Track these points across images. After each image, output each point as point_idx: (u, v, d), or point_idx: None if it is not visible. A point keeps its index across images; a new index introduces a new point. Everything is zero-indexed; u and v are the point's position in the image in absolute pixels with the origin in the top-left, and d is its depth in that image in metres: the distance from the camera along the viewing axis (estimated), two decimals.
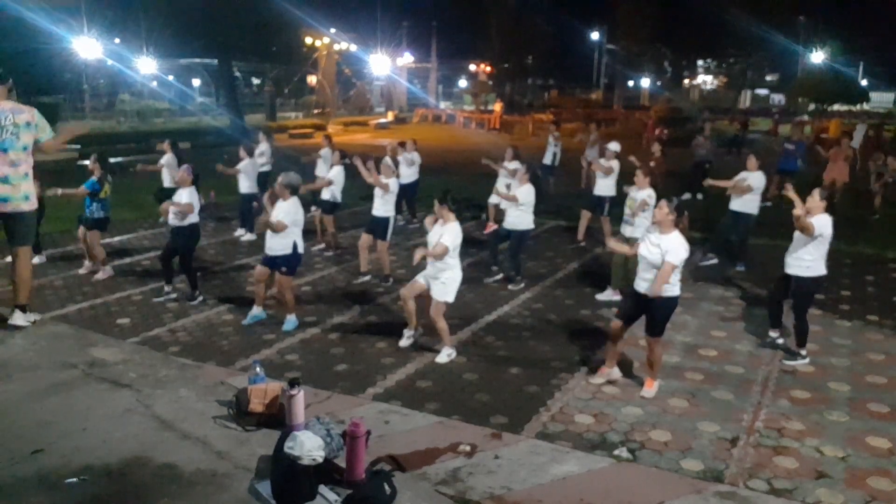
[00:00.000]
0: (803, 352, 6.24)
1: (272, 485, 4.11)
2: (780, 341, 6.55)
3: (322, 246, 10.30)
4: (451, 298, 6.26)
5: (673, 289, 5.38)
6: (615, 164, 10.22)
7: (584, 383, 5.72)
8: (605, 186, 10.23)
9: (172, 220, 7.72)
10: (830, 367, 6.08)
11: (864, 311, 7.50)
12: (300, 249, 7.00)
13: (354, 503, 4.03)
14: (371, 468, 4.31)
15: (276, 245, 6.89)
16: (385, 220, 8.59)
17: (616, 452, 4.67)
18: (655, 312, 5.42)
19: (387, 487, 4.10)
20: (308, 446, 4.10)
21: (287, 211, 6.82)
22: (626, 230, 7.79)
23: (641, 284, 5.47)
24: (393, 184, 8.67)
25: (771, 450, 4.70)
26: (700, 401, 5.43)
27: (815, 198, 6.09)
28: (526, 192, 8.36)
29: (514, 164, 10.11)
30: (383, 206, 8.60)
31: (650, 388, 5.56)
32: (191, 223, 7.75)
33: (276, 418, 4.81)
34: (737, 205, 9.05)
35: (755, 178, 8.93)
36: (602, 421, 5.11)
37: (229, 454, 4.60)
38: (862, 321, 7.21)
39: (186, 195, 7.69)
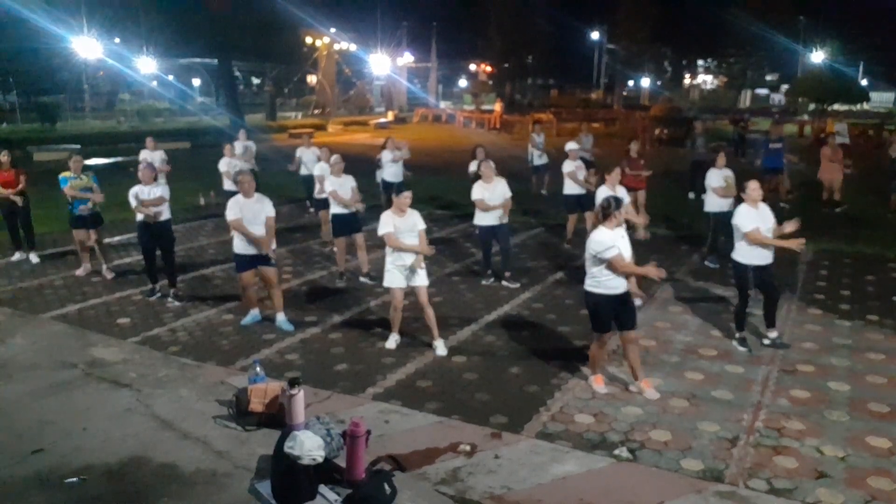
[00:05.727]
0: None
1: (272, 484, 4.12)
2: (771, 337, 6.55)
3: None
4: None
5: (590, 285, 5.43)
6: (579, 163, 10.30)
7: (584, 383, 5.71)
8: (571, 185, 10.26)
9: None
10: (830, 367, 6.07)
11: (864, 311, 7.49)
12: None
13: (354, 503, 4.04)
14: (371, 468, 4.31)
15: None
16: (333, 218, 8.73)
17: (616, 452, 4.66)
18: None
19: (387, 487, 4.11)
20: (308, 446, 4.11)
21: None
22: None
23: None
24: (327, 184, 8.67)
25: (771, 449, 4.70)
26: (700, 401, 5.43)
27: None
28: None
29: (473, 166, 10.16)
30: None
31: (649, 389, 5.54)
32: (166, 219, 7.89)
33: (276, 418, 4.81)
34: (715, 205, 9.04)
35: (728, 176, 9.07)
36: (602, 421, 5.10)
37: (229, 454, 4.61)
38: (862, 321, 7.20)
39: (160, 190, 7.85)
